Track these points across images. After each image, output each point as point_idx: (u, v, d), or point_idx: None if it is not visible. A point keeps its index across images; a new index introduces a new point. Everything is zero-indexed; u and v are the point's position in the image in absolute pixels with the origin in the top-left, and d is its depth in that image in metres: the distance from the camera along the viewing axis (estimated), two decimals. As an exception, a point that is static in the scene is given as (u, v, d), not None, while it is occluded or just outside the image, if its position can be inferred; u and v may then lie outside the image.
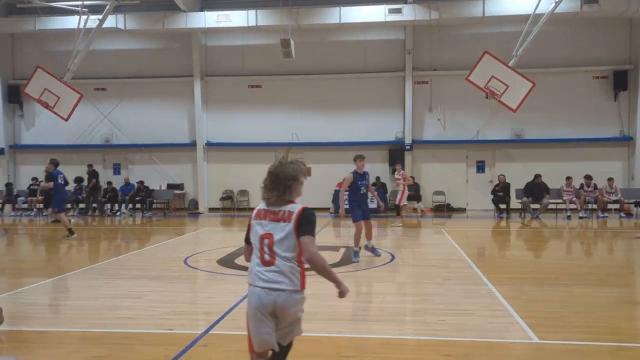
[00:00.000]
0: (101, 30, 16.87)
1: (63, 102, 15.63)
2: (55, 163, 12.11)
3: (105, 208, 18.52)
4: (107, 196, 18.48)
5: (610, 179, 16.45)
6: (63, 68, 16.54)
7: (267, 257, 3.10)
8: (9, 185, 18.88)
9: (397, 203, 15.12)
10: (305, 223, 3.06)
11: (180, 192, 20.03)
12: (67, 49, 17.74)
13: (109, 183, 18.85)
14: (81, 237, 12.48)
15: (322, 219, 15.30)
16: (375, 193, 9.78)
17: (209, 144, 19.79)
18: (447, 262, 8.87)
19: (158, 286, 7.08)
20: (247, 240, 3.28)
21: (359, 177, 8.96)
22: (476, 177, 19.26)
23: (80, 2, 16.09)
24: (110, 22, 17.36)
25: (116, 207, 18.57)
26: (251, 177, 19.50)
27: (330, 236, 12.87)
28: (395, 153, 19.04)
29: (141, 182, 18.55)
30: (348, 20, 17.39)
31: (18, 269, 9.03)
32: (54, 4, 17.12)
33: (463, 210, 19.00)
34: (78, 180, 18.51)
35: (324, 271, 3.12)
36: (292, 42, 16.83)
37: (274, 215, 3.12)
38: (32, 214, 18.16)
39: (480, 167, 19.32)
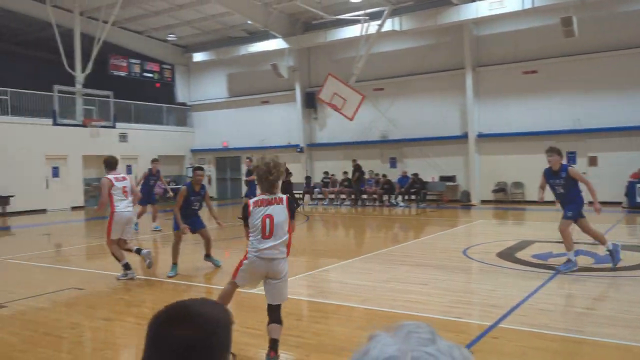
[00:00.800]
0: (380, 34, 18.27)
1: (348, 103, 17.49)
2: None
3: (383, 199, 20.03)
4: (384, 188, 19.96)
5: None
6: (348, 73, 18.50)
7: (267, 232, 4.24)
8: (308, 179, 22.05)
9: None
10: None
11: (452, 184, 20.27)
12: (351, 56, 19.77)
13: (384, 175, 20.30)
14: (360, 225, 13.78)
15: (614, 214, 13.59)
16: (592, 189, 7.37)
17: (481, 135, 19.50)
18: None
19: (441, 274, 7.42)
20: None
21: (548, 175, 7.46)
22: None
23: (362, 12, 17.68)
24: (387, 25, 18.62)
25: (393, 198, 19.91)
26: (526, 168, 18.48)
27: (624, 235, 11.37)
28: None
29: (415, 175, 19.47)
30: (648, -17, 14.95)
31: (318, 250, 10.55)
32: (340, 17, 19.25)
33: None
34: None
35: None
36: (574, 20, 15.32)
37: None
38: (325, 203, 20.86)
39: None
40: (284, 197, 4.33)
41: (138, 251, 7.93)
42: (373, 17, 18.34)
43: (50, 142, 19.63)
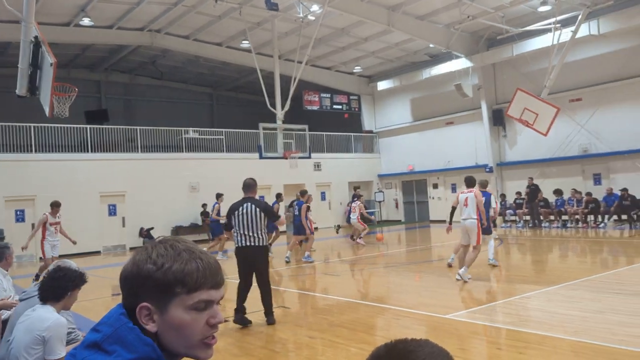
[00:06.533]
0: (574, 41, 16.87)
1: (541, 118, 16.36)
2: (481, 184, 12.11)
3: (588, 220, 18.11)
4: (589, 207, 18.04)
5: None
6: (539, 86, 17.38)
7: None
8: (502, 197, 20.89)
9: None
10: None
11: (678, 201, 17.47)
12: (541, 67, 18.55)
13: (588, 194, 18.33)
14: (562, 249, 12.60)
15: None
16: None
17: None
18: None
19: (668, 307, 6.48)
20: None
21: None
22: None
23: (552, 20, 16.55)
24: (583, 30, 17.12)
25: (599, 218, 17.88)
26: None
27: None
28: None
29: (625, 190, 17.24)
30: None
31: (515, 276, 9.98)
32: (528, 28, 18.28)
33: None
34: (558, 192, 18.85)
35: None
36: None
37: None
38: (519, 225, 19.62)
39: None
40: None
41: None
42: (565, 23, 17.02)
43: (257, 174, 21.93)
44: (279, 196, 15.66)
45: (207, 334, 1.13)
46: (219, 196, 14.66)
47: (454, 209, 9.54)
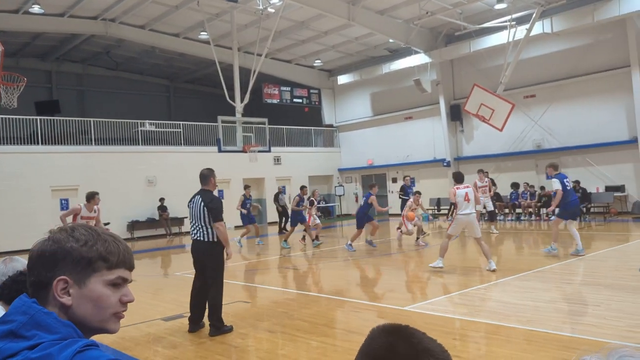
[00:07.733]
0: (528, 38, 17.32)
1: (497, 113, 16.77)
2: (553, 166, 10.92)
3: (540, 212, 18.71)
4: (542, 200, 18.65)
5: None
6: (495, 82, 17.78)
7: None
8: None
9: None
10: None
11: (620, 194, 18.27)
12: (497, 64, 19.00)
13: (542, 188, 18.96)
14: (516, 241, 12.97)
15: None
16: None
17: (655, 139, 17.34)
18: None
19: (615, 295, 6.74)
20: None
21: None
22: None
23: (508, 17, 16.94)
24: (537, 28, 17.58)
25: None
26: None
27: None
28: None
29: (577, 182, 17.92)
30: None
31: (471, 268, 10.19)
32: (484, 25, 18.65)
33: None
34: (516, 185, 19.43)
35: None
36: None
37: None
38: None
39: None
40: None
41: None
42: (520, 21, 17.47)
43: (216, 168, 21.62)
44: (302, 188, 15.38)
45: (119, 310, 1.21)
46: (302, 188, 15.53)
47: (452, 204, 9.74)
